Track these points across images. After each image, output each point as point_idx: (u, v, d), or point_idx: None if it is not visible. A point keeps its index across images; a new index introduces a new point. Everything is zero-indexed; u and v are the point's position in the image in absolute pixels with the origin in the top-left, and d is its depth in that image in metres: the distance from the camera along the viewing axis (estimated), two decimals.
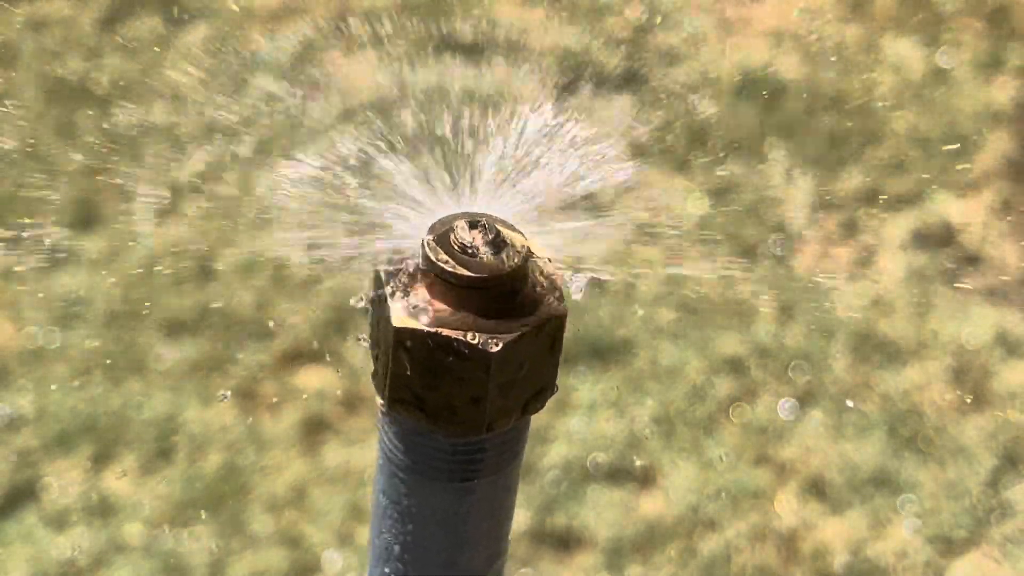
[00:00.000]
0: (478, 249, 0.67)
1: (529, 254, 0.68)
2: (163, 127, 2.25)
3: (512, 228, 0.69)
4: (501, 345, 0.66)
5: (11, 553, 1.89)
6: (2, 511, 1.93)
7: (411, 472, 0.71)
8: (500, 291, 0.67)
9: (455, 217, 0.69)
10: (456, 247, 0.67)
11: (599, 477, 1.99)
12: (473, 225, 0.68)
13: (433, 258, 0.67)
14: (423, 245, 0.68)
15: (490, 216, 0.69)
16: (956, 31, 2.54)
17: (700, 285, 2.13)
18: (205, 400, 2.03)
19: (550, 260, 0.70)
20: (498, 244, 0.67)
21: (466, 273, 0.67)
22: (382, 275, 0.69)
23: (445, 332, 0.66)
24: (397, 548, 0.74)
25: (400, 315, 0.67)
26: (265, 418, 2.02)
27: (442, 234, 0.68)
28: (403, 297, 0.67)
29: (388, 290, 0.68)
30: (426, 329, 0.66)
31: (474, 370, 0.67)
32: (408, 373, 0.67)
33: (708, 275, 2.11)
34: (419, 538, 0.73)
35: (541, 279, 0.69)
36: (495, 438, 0.70)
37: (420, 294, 0.67)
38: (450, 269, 0.67)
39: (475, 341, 0.66)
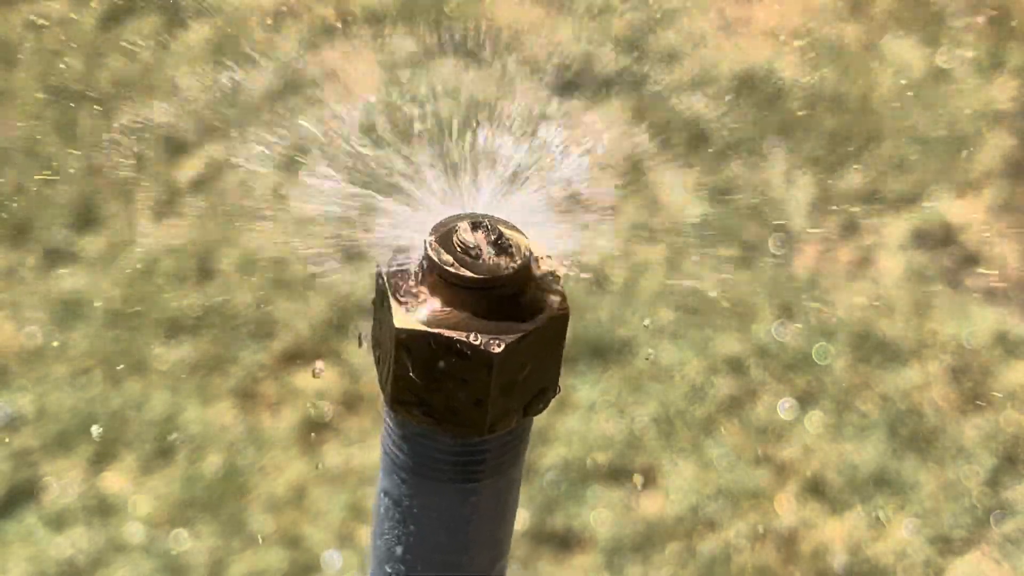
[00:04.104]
0: (481, 250, 0.67)
1: (531, 255, 0.68)
2: (163, 127, 2.25)
3: (515, 229, 0.69)
4: (503, 346, 0.66)
5: (11, 553, 1.89)
6: (2, 511, 1.93)
7: (413, 473, 0.71)
8: (502, 292, 0.67)
9: (458, 218, 0.69)
10: (459, 248, 0.67)
11: (599, 477, 1.99)
12: (476, 226, 0.68)
13: (436, 259, 0.67)
14: (425, 246, 0.68)
15: (492, 217, 0.69)
16: (956, 31, 2.54)
17: (700, 284, 2.13)
18: (205, 400, 2.03)
19: (551, 258, 0.69)
20: (501, 245, 0.67)
21: (469, 274, 0.67)
22: (384, 276, 0.69)
23: (447, 333, 0.66)
24: (399, 549, 0.74)
25: (402, 316, 0.67)
26: (265, 417, 2.02)
27: (444, 235, 0.68)
28: (405, 298, 0.67)
29: (390, 291, 0.68)
30: (428, 330, 0.66)
31: (476, 371, 0.66)
32: (410, 374, 0.67)
33: (708, 274, 2.11)
34: (421, 539, 0.73)
35: (543, 280, 0.69)
36: (497, 439, 0.70)
37: (422, 295, 0.67)
38: (453, 270, 0.67)
39: (477, 342, 0.66)
